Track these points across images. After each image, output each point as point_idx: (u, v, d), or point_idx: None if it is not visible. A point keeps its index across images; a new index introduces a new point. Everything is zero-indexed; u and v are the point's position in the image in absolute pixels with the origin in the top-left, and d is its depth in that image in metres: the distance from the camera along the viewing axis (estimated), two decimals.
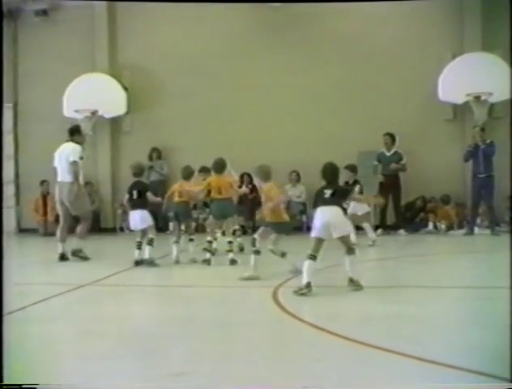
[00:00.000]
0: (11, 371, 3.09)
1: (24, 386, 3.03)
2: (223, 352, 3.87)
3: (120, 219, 13.59)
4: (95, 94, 13.01)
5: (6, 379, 3.05)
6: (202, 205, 10.08)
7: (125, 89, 13.62)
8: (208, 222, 9.01)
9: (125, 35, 13.89)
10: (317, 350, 3.86)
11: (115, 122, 13.95)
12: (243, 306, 5.46)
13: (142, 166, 8.85)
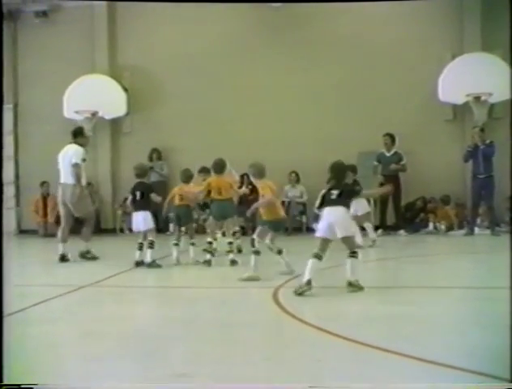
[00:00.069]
0: (11, 371, 3.10)
1: (23, 386, 3.03)
2: (223, 352, 3.87)
3: (120, 220, 13.61)
4: (95, 95, 13.03)
5: (6, 379, 3.06)
6: (202, 205, 10.06)
7: (125, 90, 13.63)
8: (208, 223, 9.01)
9: (125, 36, 13.90)
10: (317, 350, 3.86)
11: (115, 123, 13.96)
12: (243, 307, 5.46)
13: (144, 167, 8.85)
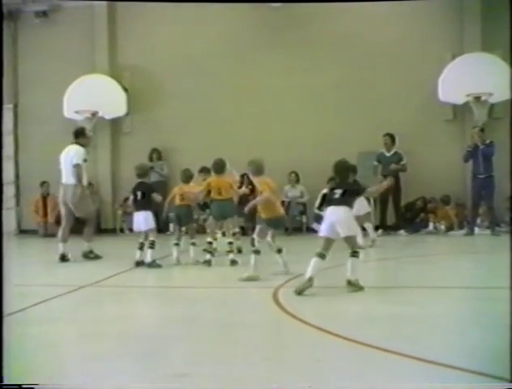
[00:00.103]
0: (11, 371, 3.10)
1: (24, 386, 3.03)
2: (223, 352, 3.87)
3: (120, 220, 13.61)
4: (95, 95, 13.02)
5: (6, 379, 3.06)
6: (202, 205, 10.05)
7: (125, 90, 13.62)
8: (208, 223, 9.01)
9: (125, 36, 13.89)
10: (317, 350, 3.86)
11: (115, 123, 13.95)
12: (243, 307, 5.46)
13: (146, 167, 8.87)
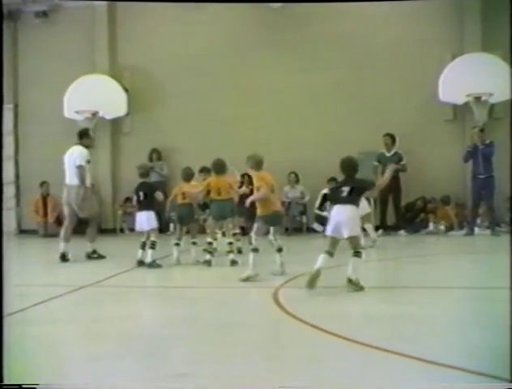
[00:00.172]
0: (11, 371, 3.10)
1: (24, 386, 3.03)
2: (224, 353, 3.87)
3: (120, 220, 13.60)
4: (95, 95, 13.03)
5: (6, 379, 3.06)
6: (202, 206, 10.04)
7: (125, 90, 13.62)
8: (208, 223, 9.00)
9: (125, 36, 13.90)
10: (317, 350, 3.86)
11: (115, 123, 13.96)
12: (244, 307, 5.46)
13: (148, 167, 8.94)
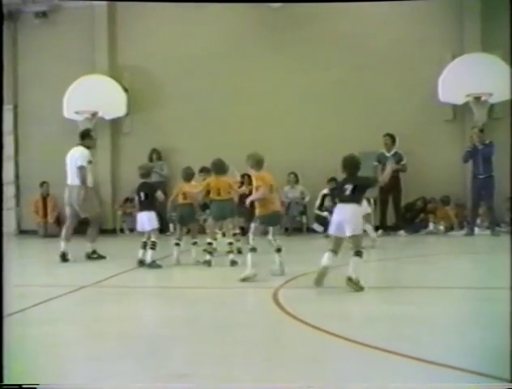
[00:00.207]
0: (11, 372, 3.10)
1: (24, 386, 3.03)
2: (224, 353, 3.87)
3: (120, 220, 13.60)
4: (95, 95, 13.04)
5: (6, 380, 3.06)
6: (201, 206, 10.04)
7: (125, 90, 13.62)
8: (208, 223, 9.00)
9: (125, 36, 13.90)
10: (317, 351, 3.86)
11: (115, 124, 13.96)
12: (243, 307, 5.47)
13: (149, 168, 8.93)
